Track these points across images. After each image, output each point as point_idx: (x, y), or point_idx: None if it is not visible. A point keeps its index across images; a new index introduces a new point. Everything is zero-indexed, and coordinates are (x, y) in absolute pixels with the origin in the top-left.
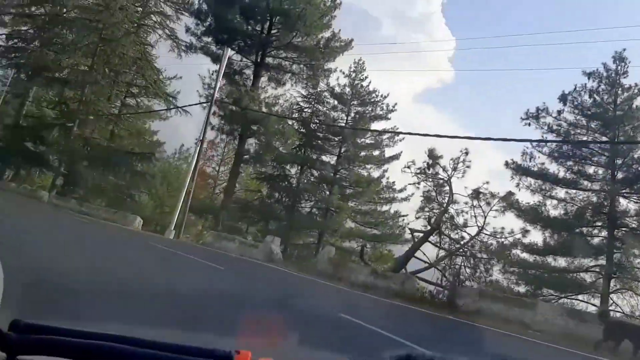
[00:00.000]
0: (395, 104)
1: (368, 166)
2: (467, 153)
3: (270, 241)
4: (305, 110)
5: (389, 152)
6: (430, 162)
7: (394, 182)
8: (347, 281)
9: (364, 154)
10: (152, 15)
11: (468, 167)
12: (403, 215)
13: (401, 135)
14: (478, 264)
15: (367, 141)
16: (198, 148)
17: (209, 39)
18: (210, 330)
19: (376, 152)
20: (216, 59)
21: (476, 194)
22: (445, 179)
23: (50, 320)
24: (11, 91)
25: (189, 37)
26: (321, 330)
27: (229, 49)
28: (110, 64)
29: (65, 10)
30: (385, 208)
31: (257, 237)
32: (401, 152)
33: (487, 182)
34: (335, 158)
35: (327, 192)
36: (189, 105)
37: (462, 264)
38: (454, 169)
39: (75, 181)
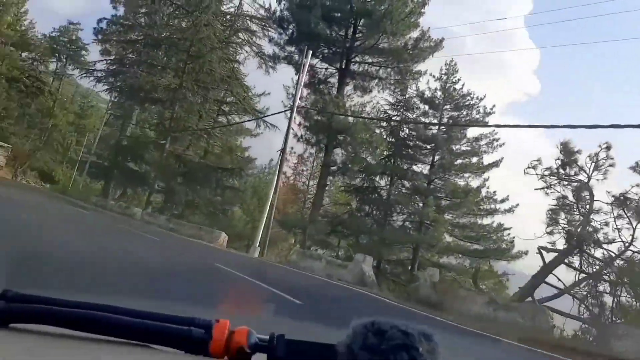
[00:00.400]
0: (493, 106)
1: (466, 175)
2: (608, 148)
3: (361, 260)
4: (394, 118)
5: (487, 159)
6: (564, 159)
7: (494, 192)
8: (456, 312)
9: (460, 162)
10: (239, 33)
11: (611, 165)
12: (507, 228)
13: (501, 140)
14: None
15: (463, 148)
16: (280, 158)
17: (292, 48)
18: None
19: (474, 159)
20: (300, 68)
21: (623, 200)
22: (582, 181)
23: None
24: (114, 113)
25: (272, 48)
26: None
27: (311, 55)
28: (199, 81)
29: (157, 33)
30: (486, 221)
31: (348, 251)
32: (502, 158)
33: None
34: (428, 167)
35: (421, 204)
36: (272, 114)
37: (609, 290)
38: (595, 168)
39: (170, 197)
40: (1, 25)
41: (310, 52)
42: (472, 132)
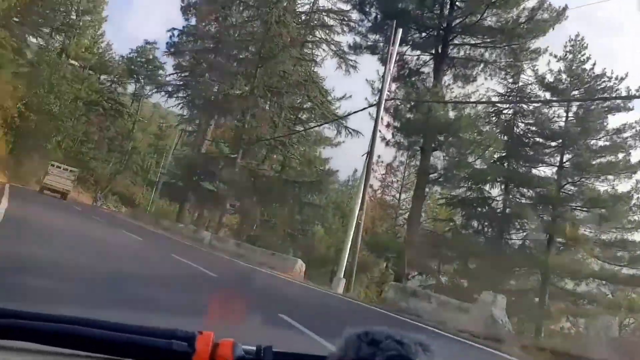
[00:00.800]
0: None
1: (610, 177)
2: None
3: (489, 302)
4: (505, 111)
5: (637, 156)
6: None
7: None
8: None
9: (600, 161)
10: (315, 31)
11: None
12: None
13: None
14: None
15: (601, 143)
16: (366, 163)
17: (377, 36)
18: None
19: (619, 157)
20: (386, 59)
21: None
22: None
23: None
24: (187, 130)
25: (353, 38)
26: None
27: (400, 40)
28: (271, 87)
29: (227, 38)
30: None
31: (454, 279)
32: None
33: None
34: (555, 169)
35: (549, 218)
36: (355, 111)
37: None
38: None
39: (244, 218)
40: (79, 49)
41: (400, 32)
42: (612, 122)
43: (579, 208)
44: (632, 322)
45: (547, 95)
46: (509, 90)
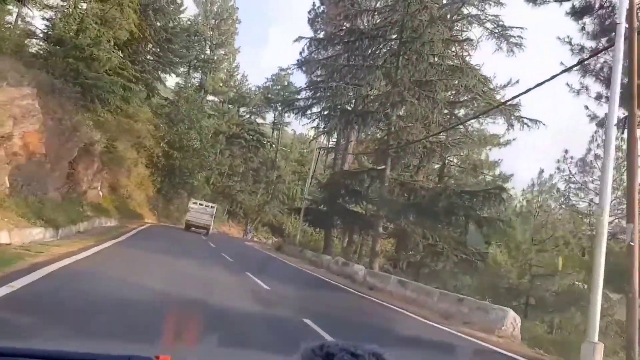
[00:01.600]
0: None
1: None
2: None
3: None
4: None
5: None
6: None
7: None
8: None
9: None
10: (465, 6)
11: None
12: None
13: None
14: None
15: None
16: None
17: None
18: None
19: None
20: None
21: None
22: None
23: None
24: (325, 148)
25: None
26: None
27: None
28: (418, 75)
29: (359, 32)
30: None
31: None
32: None
33: None
34: None
35: None
36: (563, 71)
37: None
38: None
39: (401, 243)
40: (215, 83)
41: None
42: None
43: None
44: None
45: None
46: None
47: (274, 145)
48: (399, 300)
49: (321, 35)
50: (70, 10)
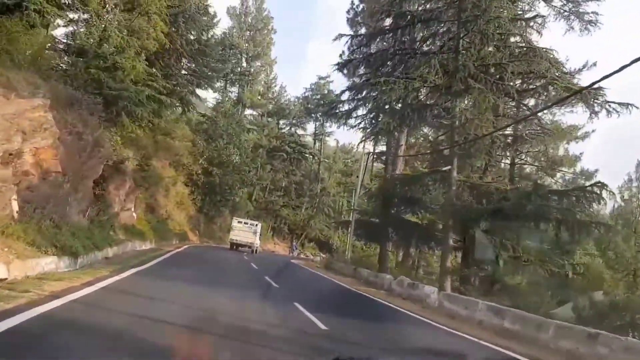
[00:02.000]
0: None
1: None
2: None
3: None
4: None
5: None
6: None
7: None
8: None
9: None
10: None
11: None
12: None
13: None
14: None
15: None
16: None
17: None
18: None
19: None
20: None
21: None
22: None
23: None
24: (376, 154)
25: None
26: None
27: None
28: (484, 60)
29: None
30: None
31: None
32: None
33: None
34: None
35: None
36: None
37: None
38: None
39: (477, 256)
40: (253, 96)
41: None
42: None
43: None
44: None
45: None
46: None
47: (316, 157)
48: (495, 335)
49: (362, 31)
50: (94, 20)
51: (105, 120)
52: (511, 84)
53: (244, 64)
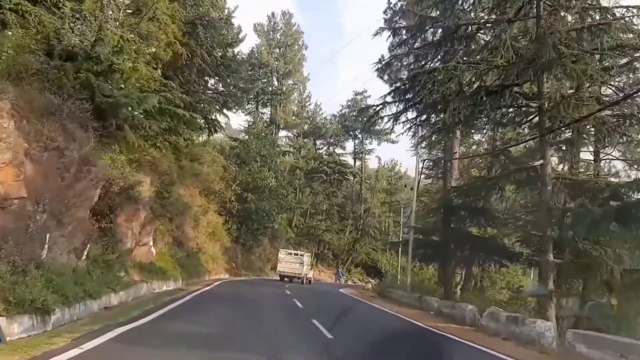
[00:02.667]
0: None
1: None
2: None
3: None
4: None
5: None
6: None
7: None
8: None
9: None
10: None
11: None
12: None
13: None
14: None
15: None
16: None
17: None
18: None
19: None
20: None
21: None
22: None
23: None
24: (430, 159)
25: None
26: None
27: None
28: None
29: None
30: None
31: None
32: None
33: None
34: None
35: None
36: None
37: None
38: None
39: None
40: (287, 116)
41: None
42: None
43: None
44: None
45: None
46: None
47: (357, 176)
48: None
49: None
50: (88, 19)
51: (102, 135)
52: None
53: (275, 83)
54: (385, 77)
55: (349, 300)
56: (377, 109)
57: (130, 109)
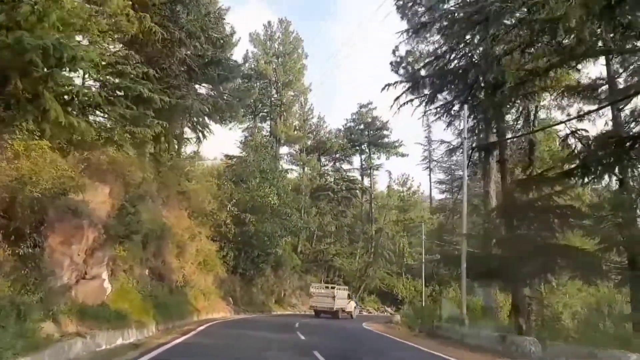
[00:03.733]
0: None
1: None
2: None
3: None
4: None
5: None
6: None
7: None
8: None
9: None
10: None
11: None
12: None
13: None
14: None
15: None
16: None
17: None
18: None
19: None
20: None
21: None
22: None
23: None
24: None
25: None
26: None
27: None
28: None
29: None
30: None
31: None
32: None
33: None
34: None
35: None
36: None
37: None
38: None
39: None
40: (288, 129)
41: None
42: None
43: None
44: None
45: None
46: None
47: (366, 193)
48: None
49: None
50: None
51: None
52: None
53: (274, 94)
54: (401, 71)
55: (387, 344)
56: (406, 89)
57: (45, 61)
